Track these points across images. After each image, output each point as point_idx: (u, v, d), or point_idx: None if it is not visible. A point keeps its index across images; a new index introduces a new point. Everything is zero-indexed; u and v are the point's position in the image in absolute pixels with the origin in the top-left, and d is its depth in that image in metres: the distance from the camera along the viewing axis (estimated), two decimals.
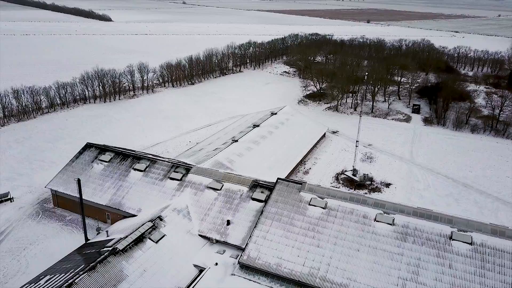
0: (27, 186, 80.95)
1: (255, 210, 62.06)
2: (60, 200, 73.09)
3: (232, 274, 53.56)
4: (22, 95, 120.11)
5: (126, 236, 55.44)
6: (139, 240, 55.25)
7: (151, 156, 75.81)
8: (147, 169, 72.10)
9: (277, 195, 61.94)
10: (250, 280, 52.54)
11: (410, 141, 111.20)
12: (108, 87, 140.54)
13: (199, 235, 60.62)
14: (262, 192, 64.66)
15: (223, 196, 65.30)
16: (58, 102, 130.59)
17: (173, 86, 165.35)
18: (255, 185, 66.12)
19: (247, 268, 54.20)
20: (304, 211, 59.06)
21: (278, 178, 64.99)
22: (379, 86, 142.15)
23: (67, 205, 71.97)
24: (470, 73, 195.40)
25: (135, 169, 72.22)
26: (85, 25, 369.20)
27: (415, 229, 54.24)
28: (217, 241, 59.72)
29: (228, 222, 61.24)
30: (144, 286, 49.98)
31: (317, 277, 51.42)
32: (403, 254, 52.05)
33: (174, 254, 55.97)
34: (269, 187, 64.81)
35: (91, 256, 53.14)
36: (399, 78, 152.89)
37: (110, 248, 52.91)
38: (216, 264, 55.28)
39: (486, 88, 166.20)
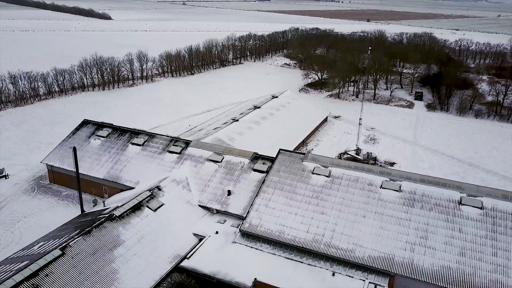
0: (23, 165, 79.13)
1: (256, 180, 60.16)
2: (56, 176, 71.18)
3: (233, 242, 51.64)
4: (19, 81, 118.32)
5: (123, 204, 53.49)
6: (137, 207, 53.43)
7: (149, 132, 73.91)
8: (145, 143, 70.27)
9: (279, 165, 60.09)
10: (252, 247, 50.61)
11: (414, 125, 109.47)
12: (107, 75, 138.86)
13: (199, 205, 58.74)
14: (263, 163, 62.83)
15: (223, 167, 63.41)
16: (56, 89, 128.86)
17: (172, 76, 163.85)
18: (257, 157, 64.31)
19: (248, 236, 52.30)
20: (307, 180, 57.15)
21: (280, 149, 63.20)
22: (380, 74, 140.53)
23: (63, 180, 70.06)
24: (472, 65, 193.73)
25: (133, 144, 70.40)
26: (84, 23, 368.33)
27: (423, 195, 52.34)
28: (218, 211, 57.80)
29: (229, 193, 59.30)
30: (141, 251, 48.05)
31: (322, 243, 49.50)
32: (411, 219, 50.12)
33: (173, 223, 54.06)
34: (271, 159, 63.01)
35: (87, 223, 51.19)
36: (400, 69, 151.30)
37: (106, 215, 50.94)
38: (217, 232, 53.38)
39: (488, 77, 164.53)
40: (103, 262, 44.74)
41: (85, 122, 77.74)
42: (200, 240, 52.69)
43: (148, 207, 54.29)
